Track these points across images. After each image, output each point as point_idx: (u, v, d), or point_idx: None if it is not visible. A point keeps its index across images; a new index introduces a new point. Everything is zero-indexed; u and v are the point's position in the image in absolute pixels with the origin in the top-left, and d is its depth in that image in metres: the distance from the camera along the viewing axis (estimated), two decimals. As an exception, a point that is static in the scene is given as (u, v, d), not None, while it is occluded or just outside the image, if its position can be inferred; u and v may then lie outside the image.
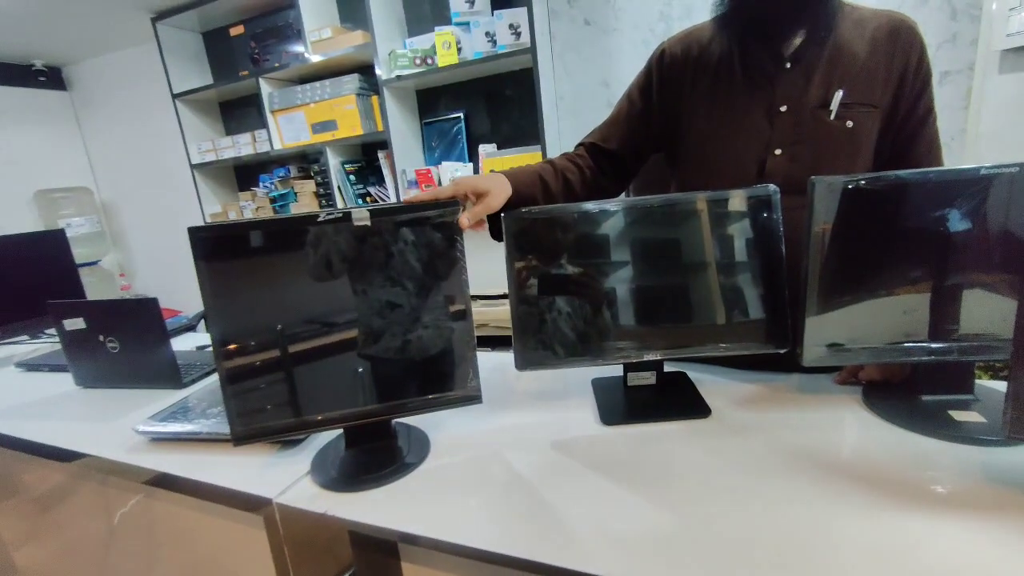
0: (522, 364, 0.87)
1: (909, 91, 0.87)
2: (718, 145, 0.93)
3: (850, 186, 0.73)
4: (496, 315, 2.06)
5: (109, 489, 1.01)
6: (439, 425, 0.86)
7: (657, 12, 1.93)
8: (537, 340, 0.86)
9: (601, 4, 2.01)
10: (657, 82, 0.97)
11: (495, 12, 1.98)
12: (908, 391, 0.81)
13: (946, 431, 0.71)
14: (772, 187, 0.82)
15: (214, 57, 2.75)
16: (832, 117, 0.86)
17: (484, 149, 2.18)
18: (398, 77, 2.14)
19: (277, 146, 2.44)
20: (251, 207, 2.64)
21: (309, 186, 2.48)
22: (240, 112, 2.81)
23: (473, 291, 0.83)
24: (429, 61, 2.10)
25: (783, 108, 0.88)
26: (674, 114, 0.96)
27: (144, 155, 3.16)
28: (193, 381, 1.23)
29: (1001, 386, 0.79)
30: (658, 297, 0.86)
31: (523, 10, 1.90)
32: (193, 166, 2.69)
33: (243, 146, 2.56)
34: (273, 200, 2.55)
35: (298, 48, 2.39)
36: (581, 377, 0.98)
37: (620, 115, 1.01)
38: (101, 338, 1.23)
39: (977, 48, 1.56)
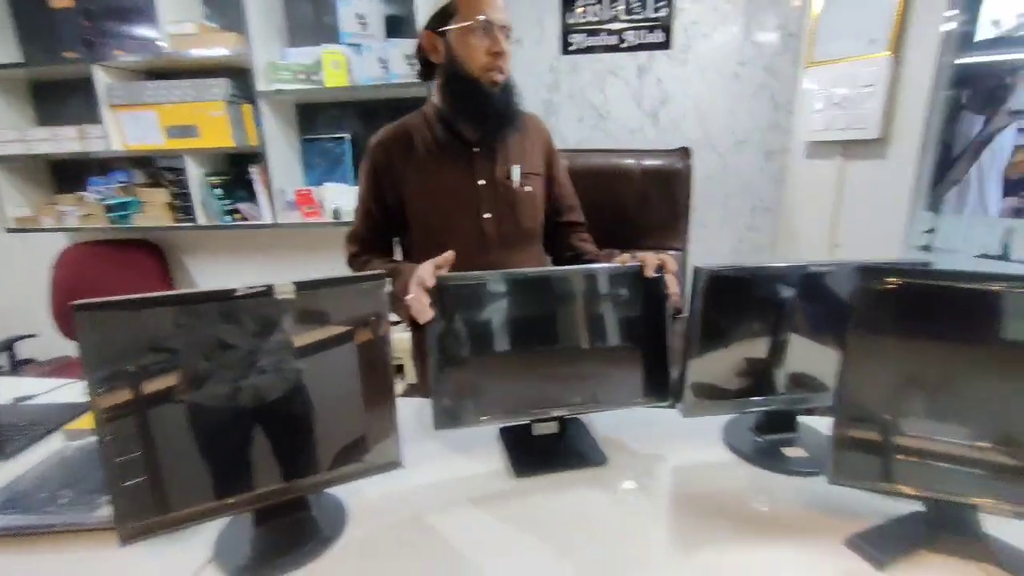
0: (440, 424, 0.90)
1: (552, 160, 1.23)
2: (442, 214, 1.14)
3: (716, 273, 0.90)
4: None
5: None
6: (354, 488, 0.83)
7: (547, 65, 2.08)
8: (454, 402, 0.90)
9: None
10: (381, 170, 1.14)
11: (389, 39, 1.95)
12: (755, 430, 1.01)
13: (780, 465, 0.91)
14: (657, 267, 0.96)
15: (26, 29, 2.24)
16: (515, 186, 1.14)
17: (370, 173, 2.12)
18: (278, 91, 1.98)
19: (116, 146, 2.08)
20: (76, 213, 2.21)
21: (160, 196, 2.15)
22: (62, 99, 2.33)
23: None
24: (314, 78, 1.98)
25: (482, 181, 1.13)
26: (399, 192, 1.15)
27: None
28: (19, 450, 1.01)
29: (815, 422, 1.02)
30: (563, 360, 0.95)
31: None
32: (-9, 158, 2.17)
33: (66, 141, 2.13)
34: (109, 209, 2.17)
35: (148, 36, 2.07)
36: (489, 428, 1.03)
37: (365, 209, 1.19)
38: None
39: (792, 136, 1.97)
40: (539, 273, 0.94)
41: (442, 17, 1.05)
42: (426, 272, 0.87)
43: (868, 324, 0.73)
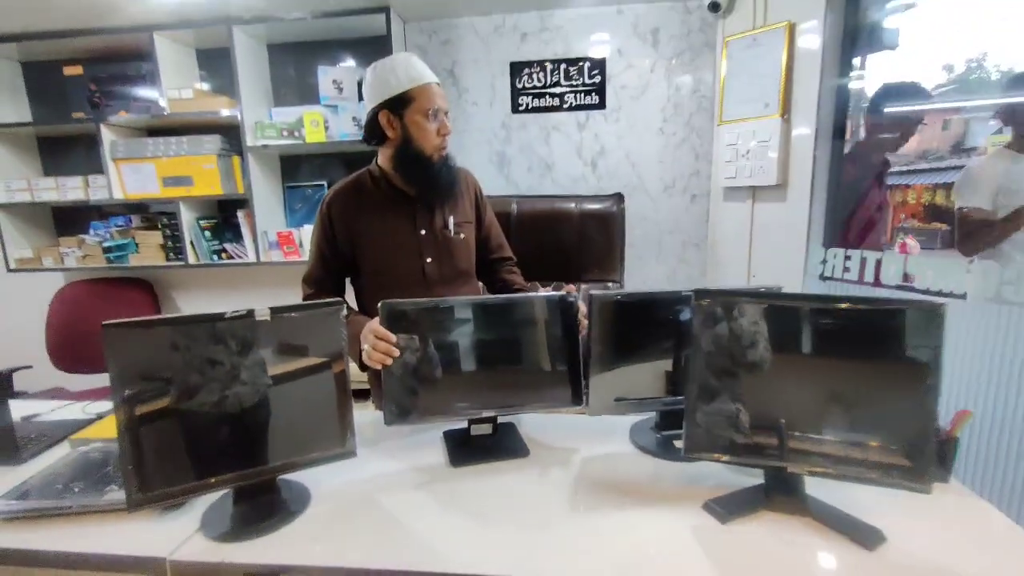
0: (390, 420, 1.11)
1: (480, 209, 1.46)
2: (389, 259, 1.35)
3: (612, 299, 1.14)
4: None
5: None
6: (317, 478, 1.03)
7: (499, 122, 2.38)
8: (403, 402, 1.11)
9: (454, 109, 2.41)
10: (334, 222, 1.34)
11: (361, 101, 2.24)
12: (655, 428, 1.22)
13: (671, 454, 1.12)
14: (575, 294, 1.20)
15: (38, 92, 2.51)
16: (451, 234, 1.36)
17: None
18: (264, 146, 2.25)
19: (118, 195, 2.32)
20: (76, 254, 2.41)
21: (155, 238, 2.38)
22: (66, 151, 2.57)
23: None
24: (296, 134, 2.25)
25: (423, 231, 1.35)
26: (351, 241, 1.35)
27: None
28: (32, 456, 1.19)
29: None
30: (494, 369, 1.17)
31: (388, 103, 2.19)
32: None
33: (71, 190, 2.36)
34: (107, 250, 2.38)
35: (151, 99, 2.34)
36: (433, 432, 1.24)
37: (320, 256, 1.38)
38: (-79, 415, 1.14)
39: (711, 182, 2.27)
40: (476, 300, 1.17)
41: (400, 102, 1.25)
42: (376, 328, 1.08)
43: (702, 332, 0.97)
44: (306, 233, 2.33)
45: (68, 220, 2.62)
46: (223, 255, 2.40)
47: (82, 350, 2.44)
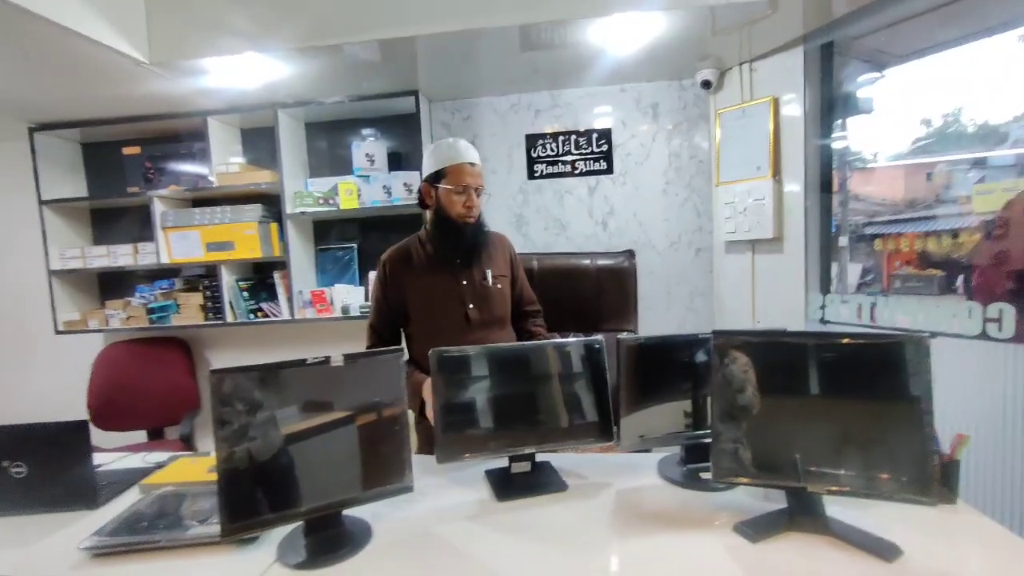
0: (442, 459, 1.22)
1: (514, 267, 1.67)
2: (436, 306, 1.55)
3: (637, 342, 1.28)
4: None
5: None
6: (375, 514, 1.13)
7: (517, 188, 2.61)
8: (454, 443, 1.22)
9: (475, 173, 2.64)
10: (389, 278, 1.58)
11: (391, 171, 2.47)
12: (681, 462, 1.33)
13: (698, 485, 1.21)
14: (600, 337, 1.34)
15: (95, 168, 2.76)
16: (490, 284, 1.57)
17: (372, 276, 2.54)
18: (302, 213, 2.46)
19: (165, 260, 2.51)
20: (121, 316, 2.57)
21: (195, 299, 2.54)
22: (116, 221, 2.79)
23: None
24: (331, 202, 2.47)
25: (464, 282, 1.55)
26: (403, 293, 1.56)
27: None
28: (106, 501, 1.29)
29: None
30: (533, 412, 1.28)
31: (416, 173, 2.42)
32: (52, 272, 2.56)
33: (121, 256, 2.56)
34: (151, 311, 2.53)
35: (199, 173, 2.58)
36: (474, 471, 1.34)
37: (379, 307, 1.60)
38: (5, 464, 1.25)
39: (713, 237, 2.46)
40: (514, 348, 1.31)
41: (436, 176, 1.52)
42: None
43: (721, 369, 1.10)
44: (336, 292, 2.50)
45: (111, 284, 2.80)
46: (259, 314, 2.55)
47: (120, 408, 2.54)
